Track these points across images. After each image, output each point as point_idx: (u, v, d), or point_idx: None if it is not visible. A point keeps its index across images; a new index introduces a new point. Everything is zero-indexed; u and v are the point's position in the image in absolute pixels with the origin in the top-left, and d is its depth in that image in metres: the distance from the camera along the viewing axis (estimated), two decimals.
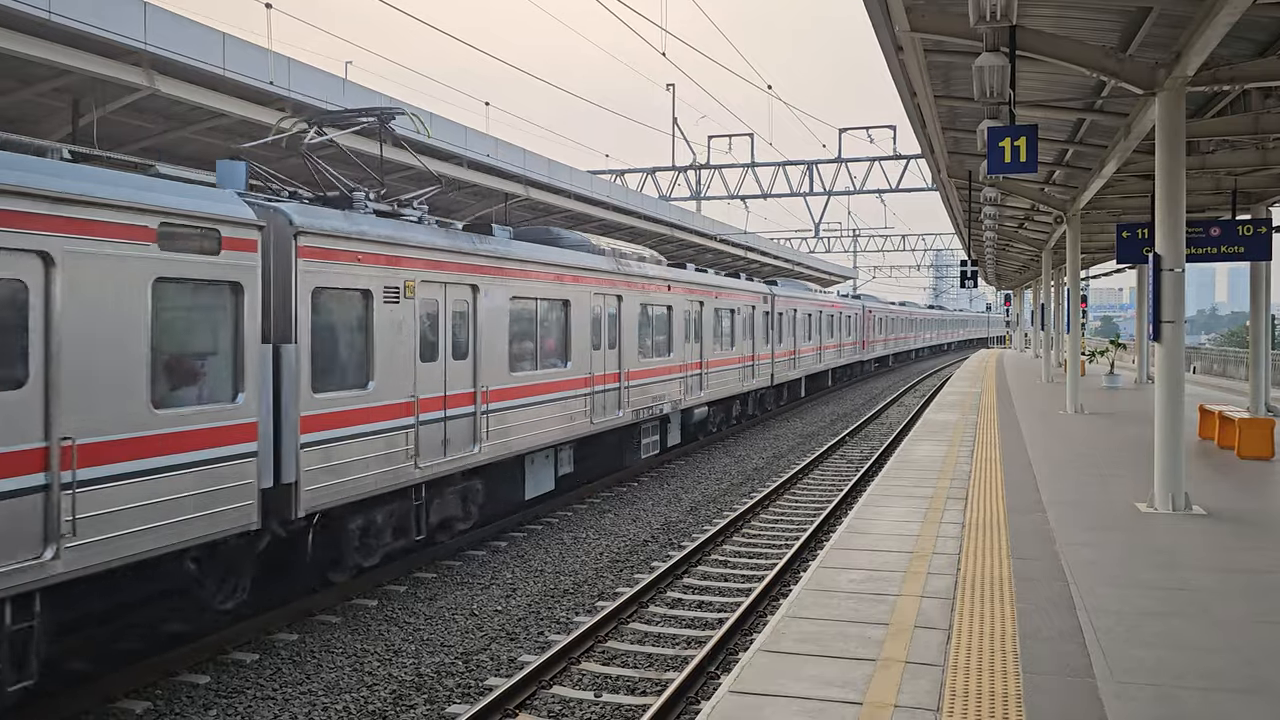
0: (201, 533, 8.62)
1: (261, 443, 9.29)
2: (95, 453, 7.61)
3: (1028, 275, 53.17)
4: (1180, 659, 6.42)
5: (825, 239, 59.56)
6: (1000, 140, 10.92)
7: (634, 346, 18.60)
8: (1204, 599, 7.75)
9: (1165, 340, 11.13)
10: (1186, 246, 11.43)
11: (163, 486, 8.20)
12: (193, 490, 8.50)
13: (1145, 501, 11.40)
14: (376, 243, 11.00)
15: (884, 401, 37.09)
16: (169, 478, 8.26)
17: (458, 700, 8.50)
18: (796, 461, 22.06)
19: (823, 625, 7.21)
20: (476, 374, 12.93)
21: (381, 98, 19.24)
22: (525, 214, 29.57)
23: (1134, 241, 20.47)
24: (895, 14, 10.32)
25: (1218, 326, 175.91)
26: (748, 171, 37.08)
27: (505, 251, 13.87)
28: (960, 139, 17.92)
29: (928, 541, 9.76)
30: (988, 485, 12.82)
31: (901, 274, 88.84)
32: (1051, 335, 37.37)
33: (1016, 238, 34.13)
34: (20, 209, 7.15)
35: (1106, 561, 8.90)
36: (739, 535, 14.75)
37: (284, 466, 9.66)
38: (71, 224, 7.50)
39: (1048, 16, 11.03)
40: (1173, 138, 11.05)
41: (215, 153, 18.96)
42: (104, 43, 13.40)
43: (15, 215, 7.11)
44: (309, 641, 9.86)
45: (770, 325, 29.47)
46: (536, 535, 14.55)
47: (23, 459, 7.12)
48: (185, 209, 8.52)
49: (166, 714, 8.16)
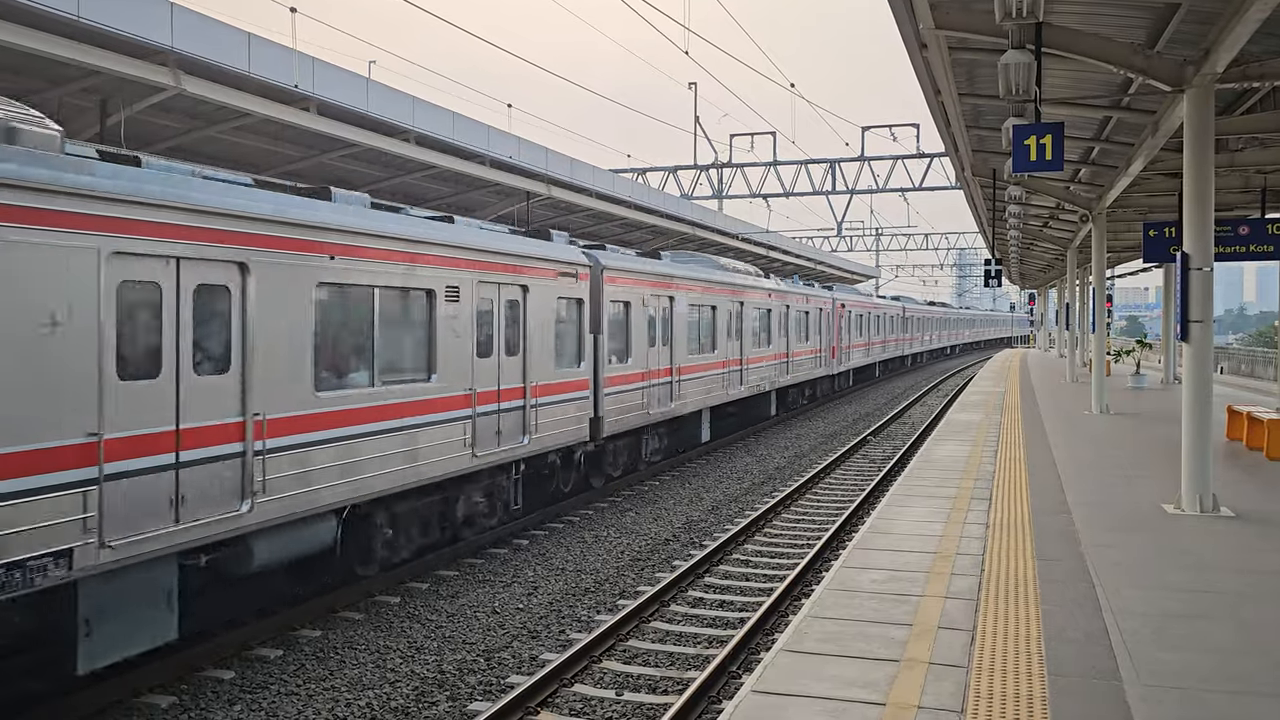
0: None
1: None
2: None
3: (1052, 274, 52.73)
4: (1208, 662, 6.35)
5: (848, 238, 59.36)
6: (1025, 138, 10.83)
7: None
8: (1232, 601, 7.66)
9: (1193, 340, 11.01)
10: (1215, 245, 11.30)
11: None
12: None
13: (1172, 503, 11.28)
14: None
15: (906, 401, 36.91)
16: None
17: (480, 697, 8.53)
18: (818, 461, 21.99)
19: (845, 625, 7.18)
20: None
21: (405, 98, 19.34)
22: (547, 212, 29.63)
23: (1161, 240, 20.27)
24: (919, 11, 10.25)
25: (1246, 326, 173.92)
26: (770, 170, 36.97)
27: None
28: (985, 137, 17.80)
29: (951, 542, 9.70)
30: (1012, 485, 12.73)
31: (924, 273, 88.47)
32: (1076, 335, 37.07)
33: (1041, 236, 33.86)
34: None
35: (1133, 563, 8.82)
36: (761, 535, 14.72)
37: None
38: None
39: (1074, 13, 10.93)
40: (1201, 135, 10.92)
41: (239, 152, 19.13)
42: (132, 43, 13.52)
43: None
44: (332, 638, 9.93)
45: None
46: (558, 534, 14.58)
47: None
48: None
49: (192, 708, 8.23)
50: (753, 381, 25.56)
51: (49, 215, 7.30)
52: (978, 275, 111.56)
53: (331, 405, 10.12)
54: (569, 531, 14.72)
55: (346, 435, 10.30)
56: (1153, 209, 23.09)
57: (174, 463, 8.26)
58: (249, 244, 9.08)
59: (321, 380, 10.04)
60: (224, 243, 8.81)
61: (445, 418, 12.01)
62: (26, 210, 7.14)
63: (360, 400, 10.57)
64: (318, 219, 10.01)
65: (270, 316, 9.31)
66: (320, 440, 9.92)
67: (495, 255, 13.21)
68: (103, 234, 7.67)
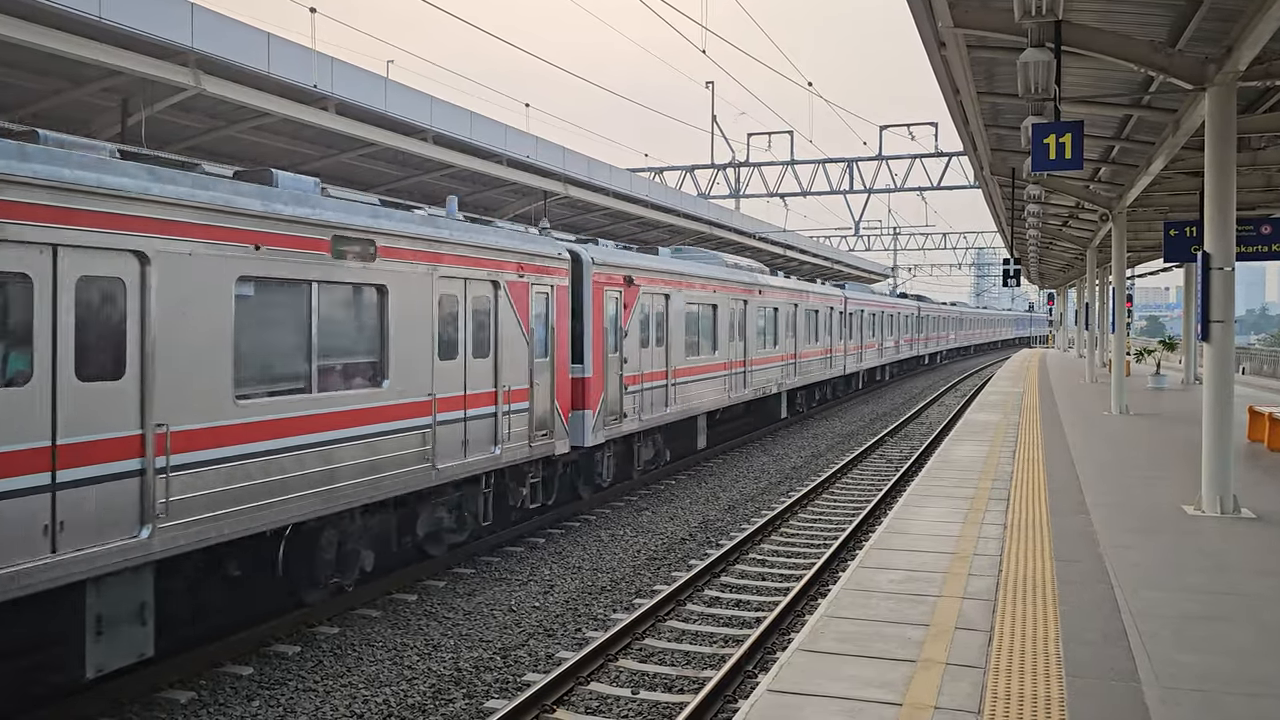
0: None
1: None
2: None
3: (1071, 274, 52.40)
4: (1228, 664, 6.30)
5: (865, 237, 59.20)
6: (1045, 137, 10.78)
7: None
8: (1253, 604, 7.60)
9: (1214, 340, 10.92)
10: (1236, 245, 11.21)
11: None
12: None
13: (1192, 504, 11.20)
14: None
15: (924, 401, 36.76)
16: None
17: (496, 695, 8.55)
18: (835, 461, 21.94)
19: (862, 625, 7.16)
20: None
21: (423, 98, 19.40)
22: (565, 211, 29.68)
23: (1182, 240, 20.12)
24: (938, 9, 10.21)
25: (1268, 327, 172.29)
26: (787, 169, 36.89)
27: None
28: (1004, 136, 17.71)
29: (968, 542, 9.66)
30: (1030, 486, 12.67)
31: (942, 272, 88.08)
32: (1095, 335, 36.84)
33: (1060, 236, 33.66)
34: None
35: (1152, 564, 8.76)
36: (777, 534, 14.70)
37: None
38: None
39: (1094, 11, 10.85)
40: (1223, 134, 10.83)
41: (258, 151, 19.24)
42: (153, 44, 13.63)
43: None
44: (349, 635, 9.98)
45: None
46: (574, 532, 14.60)
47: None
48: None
49: (210, 704, 8.29)
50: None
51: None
52: (996, 275, 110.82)
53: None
54: (585, 530, 14.74)
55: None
56: (1173, 208, 22.91)
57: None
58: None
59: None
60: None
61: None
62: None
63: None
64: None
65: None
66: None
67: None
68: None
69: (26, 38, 12.37)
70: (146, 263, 7.84)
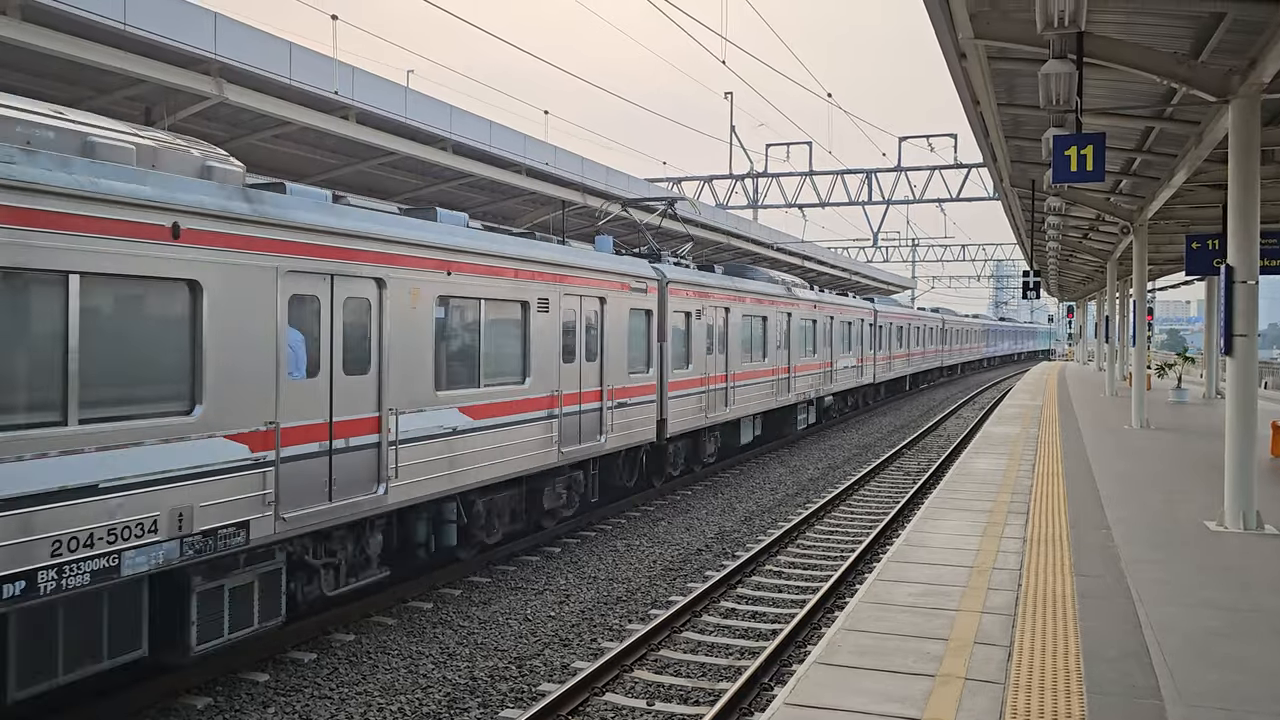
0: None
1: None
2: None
3: (1091, 286, 52.11)
4: (1252, 682, 6.21)
5: (884, 248, 59.01)
6: (1066, 149, 10.73)
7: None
8: (1276, 621, 7.49)
9: (1237, 354, 10.82)
10: (1260, 258, 11.12)
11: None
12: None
13: (1215, 520, 11.08)
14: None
15: (942, 414, 36.58)
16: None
17: (511, 705, 8.53)
18: (853, 473, 21.84)
19: (880, 639, 7.11)
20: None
21: (443, 106, 19.49)
22: (582, 220, 29.71)
23: (1204, 253, 19.96)
24: (959, 20, 10.19)
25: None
26: (806, 180, 36.86)
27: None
28: (1024, 147, 17.64)
29: (988, 556, 9.59)
30: (1050, 500, 12.57)
31: (961, 284, 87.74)
32: (1115, 348, 36.59)
33: (1080, 248, 33.48)
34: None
35: (1174, 580, 8.67)
36: (794, 546, 14.64)
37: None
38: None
39: (1116, 22, 10.81)
40: (1247, 146, 10.75)
41: (278, 160, 19.37)
42: (176, 52, 13.76)
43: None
44: (365, 642, 9.98)
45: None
46: (590, 542, 14.58)
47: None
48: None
49: (227, 710, 8.30)
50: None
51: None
52: (1015, 287, 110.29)
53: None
54: (601, 540, 14.72)
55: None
56: (1196, 221, 22.75)
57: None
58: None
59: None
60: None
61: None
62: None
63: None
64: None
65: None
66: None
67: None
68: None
69: (57, 47, 12.52)
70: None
